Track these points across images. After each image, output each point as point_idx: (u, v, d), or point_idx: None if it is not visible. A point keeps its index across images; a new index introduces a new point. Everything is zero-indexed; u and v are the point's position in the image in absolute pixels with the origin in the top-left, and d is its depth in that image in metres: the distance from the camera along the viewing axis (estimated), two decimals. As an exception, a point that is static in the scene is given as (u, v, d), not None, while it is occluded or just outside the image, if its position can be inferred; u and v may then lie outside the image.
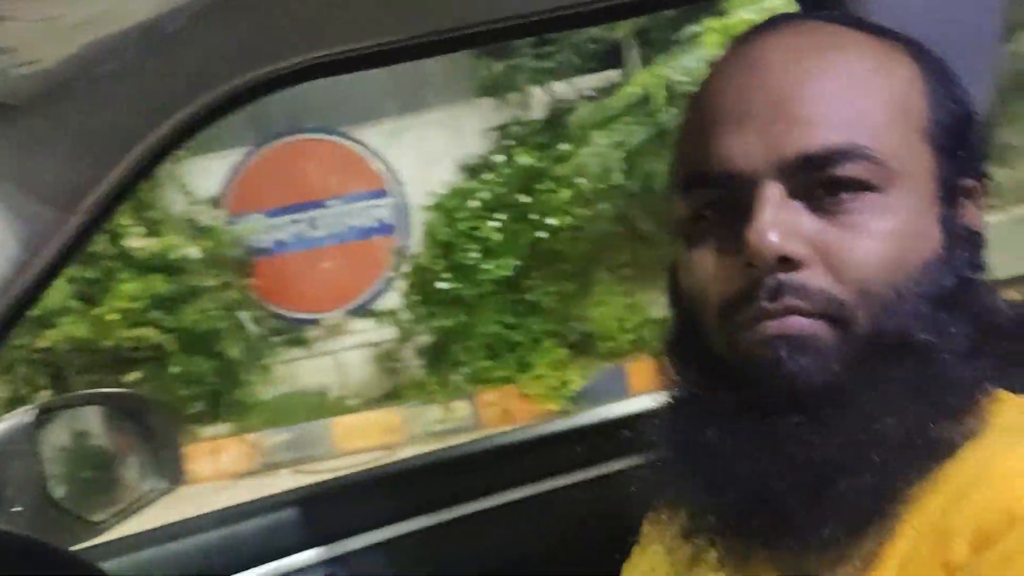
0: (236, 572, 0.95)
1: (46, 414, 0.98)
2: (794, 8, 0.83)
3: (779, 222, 0.52)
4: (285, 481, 5.99)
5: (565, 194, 6.27)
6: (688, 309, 0.59)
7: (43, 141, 0.66)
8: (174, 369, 6.42)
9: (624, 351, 6.32)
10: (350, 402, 7.13)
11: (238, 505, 1.03)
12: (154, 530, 1.00)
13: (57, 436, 1.02)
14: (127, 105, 0.68)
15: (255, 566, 0.96)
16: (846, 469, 0.50)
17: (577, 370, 6.27)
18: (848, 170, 0.53)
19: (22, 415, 0.95)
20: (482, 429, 6.26)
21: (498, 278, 6.43)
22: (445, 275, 6.54)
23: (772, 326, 0.53)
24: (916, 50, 0.58)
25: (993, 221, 0.60)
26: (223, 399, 6.73)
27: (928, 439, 0.51)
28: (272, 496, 1.04)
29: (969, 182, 0.58)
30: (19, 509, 0.91)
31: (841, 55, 0.56)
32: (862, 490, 0.50)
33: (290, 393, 7.10)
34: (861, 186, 0.53)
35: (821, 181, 0.53)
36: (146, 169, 0.74)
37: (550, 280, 6.53)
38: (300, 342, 7.34)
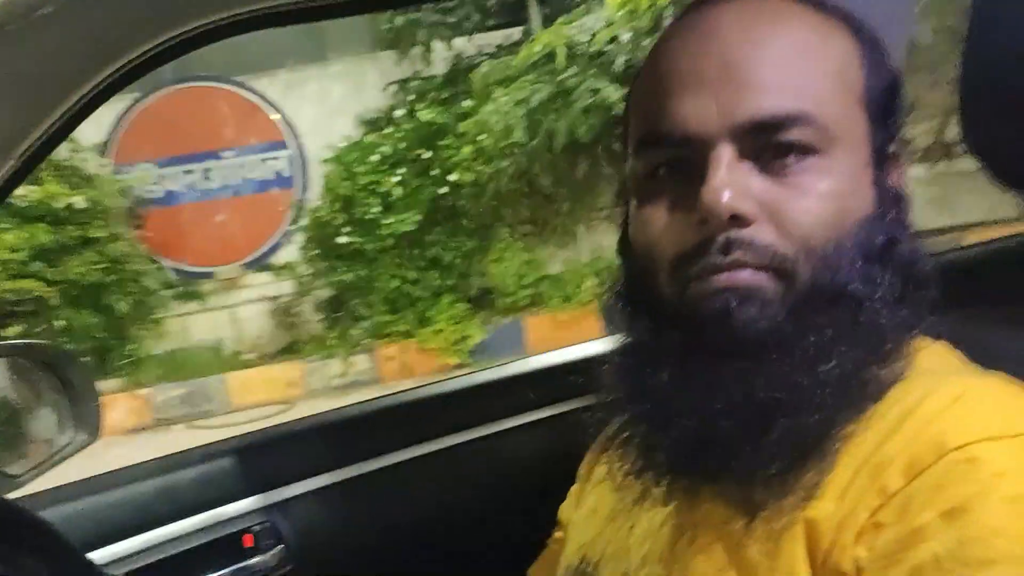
0: (174, 520, 0.96)
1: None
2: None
3: (731, 182, 0.57)
4: (179, 436, 5.87)
5: (467, 150, 6.25)
6: (639, 260, 0.63)
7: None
8: (59, 323, 6.17)
9: (522, 306, 6.41)
10: (246, 357, 7.01)
11: (175, 454, 1.03)
12: (88, 480, 1.00)
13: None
14: (65, 50, 0.67)
15: (193, 514, 0.97)
16: (789, 408, 0.55)
17: (476, 325, 6.33)
18: (795, 135, 0.57)
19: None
20: (382, 383, 6.27)
21: (398, 233, 6.40)
22: (345, 229, 6.46)
23: (722, 278, 0.57)
24: (853, 23, 0.63)
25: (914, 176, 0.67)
26: (112, 354, 6.51)
27: (862, 380, 0.56)
28: (208, 445, 1.04)
29: (896, 147, 0.63)
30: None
31: (788, 27, 0.60)
32: (804, 427, 0.55)
33: (183, 348, 6.93)
34: (806, 150, 0.58)
35: (770, 144, 0.58)
36: (81, 115, 0.73)
37: (450, 236, 6.54)
38: (194, 296, 7.14)
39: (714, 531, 0.59)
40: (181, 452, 1.04)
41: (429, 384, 1.13)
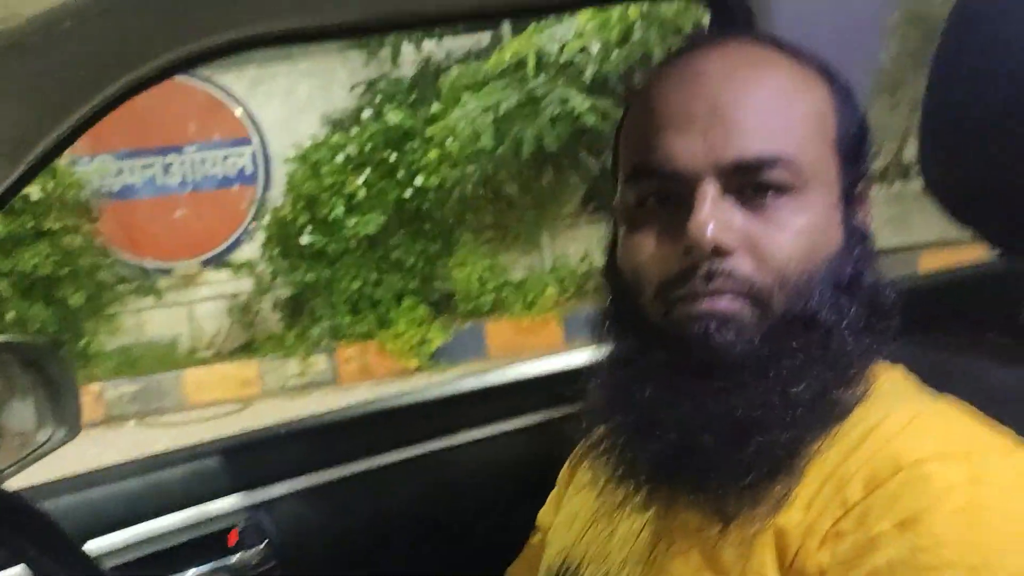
0: (159, 516, 0.98)
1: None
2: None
3: (715, 216, 0.61)
4: (131, 433, 5.80)
5: (433, 154, 6.27)
6: (627, 283, 0.68)
7: (-5, 94, 0.67)
8: (10, 315, 6.05)
9: (483, 311, 6.44)
10: (202, 354, 6.94)
11: (161, 453, 1.05)
12: (75, 477, 1.01)
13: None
14: (79, 64, 0.70)
15: (179, 510, 0.99)
16: (764, 425, 0.60)
17: (437, 328, 6.35)
18: (774, 175, 0.63)
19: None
20: (340, 384, 6.25)
21: (362, 234, 6.39)
22: (308, 229, 6.43)
23: (704, 304, 0.62)
24: (827, 71, 0.69)
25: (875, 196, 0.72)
26: (64, 348, 6.39)
27: (829, 402, 0.62)
28: (194, 445, 1.06)
29: (862, 187, 0.69)
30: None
31: (771, 74, 0.66)
32: (776, 443, 0.60)
33: (138, 343, 6.83)
34: (783, 189, 0.63)
35: (751, 183, 0.63)
36: (87, 126, 0.76)
37: (414, 239, 6.54)
38: (151, 291, 7.04)
39: (691, 537, 0.63)
40: (170, 450, 1.06)
41: (414, 391, 1.17)
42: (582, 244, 6.57)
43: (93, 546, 0.94)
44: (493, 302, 6.43)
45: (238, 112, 7.20)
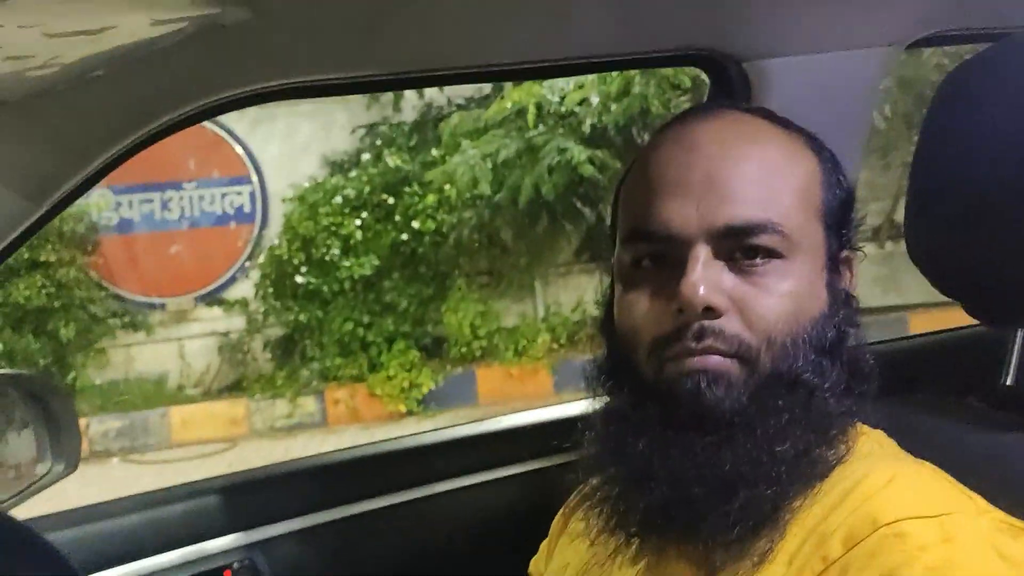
0: (158, 553, 0.99)
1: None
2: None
3: (706, 278, 0.65)
4: (115, 470, 5.73)
5: (431, 199, 6.32)
6: (622, 339, 0.71)
7: (24, 137, 0.70)
8: (-1, 347, 6.03)
9: (474, 357, 6.43)
10: (191, 391, 6.89)
11: (162, 489, 1.06)
12: (75, 510, 1.02)
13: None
14: (107, 111, 0.73)
15: (178, 547, 1.00)
16: (750, 481, 0.63)
17: (428, 373, 6.33)
18: (763, 240, 0.66)
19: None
20: (328, 427, 6.21)
21: (356, 276, 6.41)
22: (303, 269, 6.45)
23: (695, 361, 0.66)
24: (815, 143, 0.73)
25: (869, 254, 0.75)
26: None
27: (812, 460, 0.64)
28: (194, 483, 1.08)
29: (847, 254, 0.73)
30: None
31: (762, 146, 0.70)
32: (761, 498, 0.63)
33: (126, 379, 6.78)
34: (772, 254, 0.67)
35: (741, 247, 0.66)
36: (109, 169, 0.79)
37: (408, 282, 6.55)
38: (142, 326, 7.02)
39: None
40: (169, 487, 1.07)
41: (410, 435, 1.19)
42: (574, 293, 6.60)
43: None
44: (484, 348, 6.43)
45: (238, 150, 7.25)
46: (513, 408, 1.26)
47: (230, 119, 7.14)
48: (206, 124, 7.29)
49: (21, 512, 0.95)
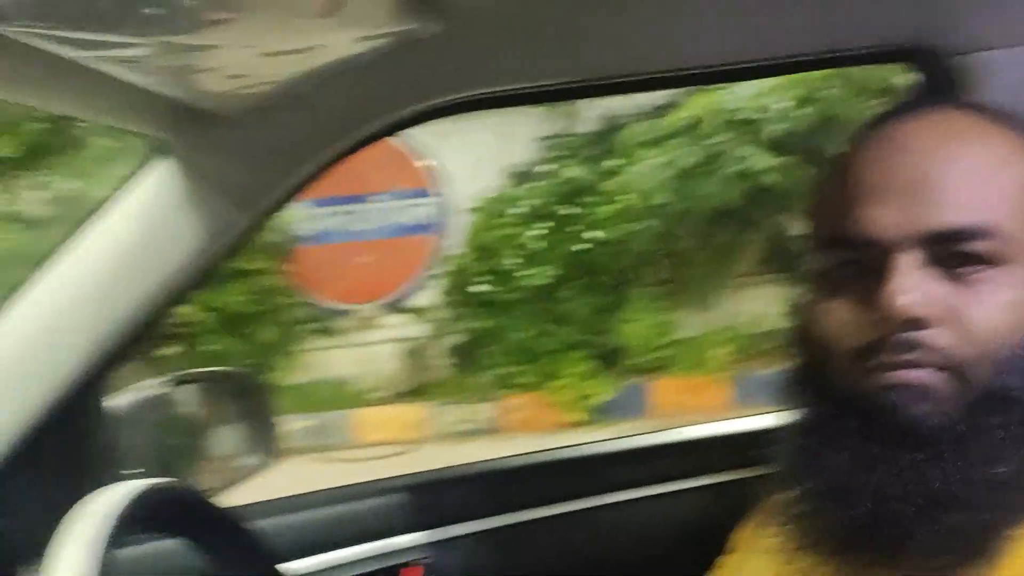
0: (348, 545, 1.03)
1: (178, 386, 1.09)
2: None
3: (911, 287, 0.60)
4: (307, 467, 6.07)
5: (609, 209, 6.32)
6: (816, 349, 0.67)
7: (241, 149, 0.76)
8: (208, 347, 6.53)
9: (648, 368, 6.36)
10: (374, 395, 7.20)
11: (351, 485, 1.12)
12: (273, 501, 1.09)
13: (180, 406, 1.12)
14: (311, 126, 0.77)
15: (366, 541, 1.04)
16: (962, 503, 0.58)
17: (602, 383, 6.31)
18: (977, 246, 0.61)
19: (155, 386, 1.05)
20: (501, 433, 6.31)
21: (533, 285, 6.49)
22: (482, 278, 6.61)
23: (895, 375, 0.61)
24: None
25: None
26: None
27: None
28: (381, 479, 1.12)
29: None
30: (140, 471, 1.00)
31: (977, 144, 0.64)
32: (975, 523, 0.58)
33: (316, 381, 7.18)
34: (987, 260, 0.61)
35: (952, 253, 0.61)
36: (312, 180, 0.83)
37: (585, 292, 6.57)
38: (331, 332, 7.42)
39: None
40: (358, 483, 1.12)
41: (592, 442, 1.18)
42: (756, 304, 6.38)
43: (287, 567, 1.00)
44: (660, 359, 6.33)
45: (423, 164, 7.53)
46: (688, 421, 1.23)
47: (413, 133, 7.43)
48: (393, 139, 7.56)
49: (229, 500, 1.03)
